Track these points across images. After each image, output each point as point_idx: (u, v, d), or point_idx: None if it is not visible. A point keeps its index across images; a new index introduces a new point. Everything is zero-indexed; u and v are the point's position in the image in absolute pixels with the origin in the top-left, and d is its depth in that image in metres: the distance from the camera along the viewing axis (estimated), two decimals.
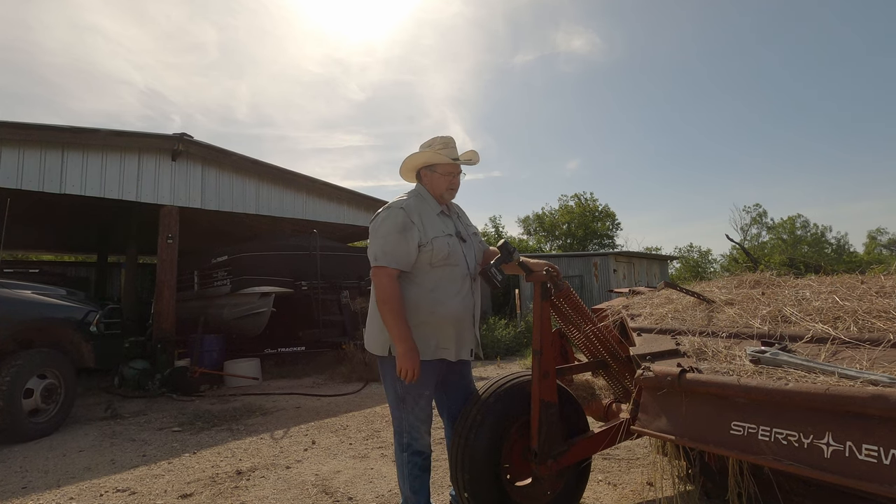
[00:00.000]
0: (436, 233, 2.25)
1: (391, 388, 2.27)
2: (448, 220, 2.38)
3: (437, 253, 2.21)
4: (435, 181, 2.35)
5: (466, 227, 2.48)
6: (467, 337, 2.32)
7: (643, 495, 2.96)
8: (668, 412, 1.65)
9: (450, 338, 2.25)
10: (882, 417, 1.17)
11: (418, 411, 2.24)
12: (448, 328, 2.24)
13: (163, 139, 7.68)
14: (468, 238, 2.42)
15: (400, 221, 2.18)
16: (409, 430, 2.25)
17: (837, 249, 37.01)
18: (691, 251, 39.05)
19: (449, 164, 2.33)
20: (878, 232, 42.49)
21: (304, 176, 9.52)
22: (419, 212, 2.26)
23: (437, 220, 2.31)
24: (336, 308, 8.90)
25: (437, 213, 2.33)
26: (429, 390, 2.26)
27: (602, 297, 13.86)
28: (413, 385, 2.18)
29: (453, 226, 2.38)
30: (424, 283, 2.23)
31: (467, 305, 2.31)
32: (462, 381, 2.45)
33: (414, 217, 2.21)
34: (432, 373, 2.25)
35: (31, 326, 4.85)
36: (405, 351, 2.09)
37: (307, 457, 3.88)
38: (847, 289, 2.12)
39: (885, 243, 41.85)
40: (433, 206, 2.34)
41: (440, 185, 2.34)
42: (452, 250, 2.26)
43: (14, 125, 6.29)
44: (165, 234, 7.71)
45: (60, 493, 3.25)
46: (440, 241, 2.24)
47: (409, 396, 2.23)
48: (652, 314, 2.50)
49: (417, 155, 2.36)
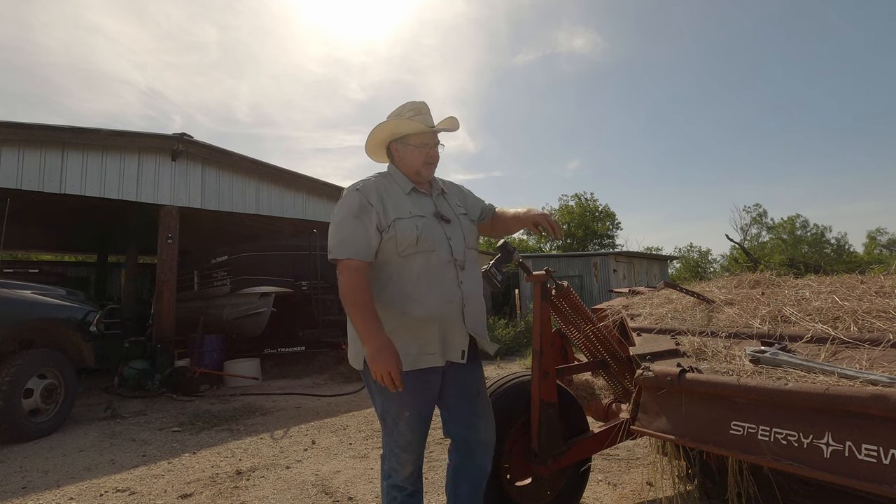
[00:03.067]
0: (400, 213, 1.85)
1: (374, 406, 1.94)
2: (424, 199, 1.95)
3: (403, 238, 1.82)
4: (408, 155, 1.93)
5: (454, 206, 2.05)
6: (456, 337, 1.88)
7: (643, 495, 2.96)
8: (668, 412, 1.65)
9: (433, 340, 1.84)
10: (882, 417, 1.17)
11: (397, 436, 1.84)
12: (427, 329, 1.83)
13: (163, 139, 7.68)
14: (453, 218, 1.98)
15: (355, 204, 1.82)
16: (388, 457, 1.89)
17: (837, 249, 37.01)
18: (691, 251, 39.10)
19: (423, 134, 1.91)
20: (878, 232, 42.52)
21: (304, 176, 9.52)
22: (380, 191, 1.88)
23: (406, 200, 1.90)
24: (336, 308, 8.89)
25: (406, 192, 1.92)
26: (409, 410, 1.82)
27: (602, 297, 13.86)
28: (391, 403, 1.81)
29: (432, 205, 1.95)
30: (393, 277, 1.85)
31: (452, 298, 1.87)
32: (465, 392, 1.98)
33: (372, 198, 1.84)
34: (414, 389, 1.81)
35: (31, 326, 4.85)
36: (374, 351, 1.67)
37: (307, 457, 3.88)
38: (847, 289, 2.12)
39: (885, 243, 41.85)
40: (403, 184, 1.94)
41: (414, 159, 1.93)
42: (424, 234, 1.85)
43: (14, 125, 6.29)
44: (165, 234, 7.71)
45: (60, 493, 3.25)
46: (405, 224, 1.83)
47: (387, 416, 1.85)
48: (652, 314, 2.50)
49: (383, 126, 1.93)
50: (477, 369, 2.04)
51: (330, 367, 8.14)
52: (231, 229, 11.47)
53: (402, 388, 1.69)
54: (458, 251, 1.93)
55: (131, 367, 6.81)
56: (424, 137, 1.93)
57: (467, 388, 1.99)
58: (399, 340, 1.79)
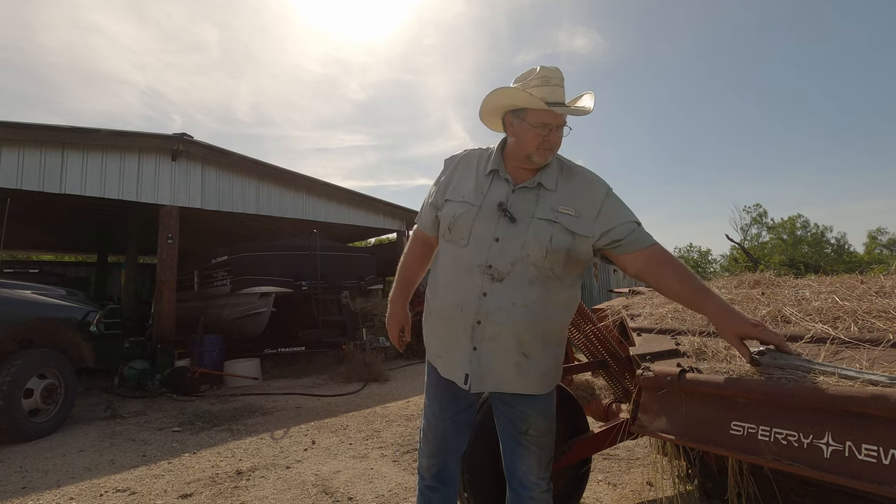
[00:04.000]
0: (454, 195, 1.65)
1: None
2: (498, 185, 1.63)
3: (444, 221, 1.66)
4: (522, 134, 1.57)
5: (542, 208, 1.58)
6: (455, 355, 1.63)
7: (643, 495, 2.96)
8: (668, 412, 1.65)
9: (438, 343, 1.70)
10: (882, 417, 1.17)
11: (423, 424, 1.81)
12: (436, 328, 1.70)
13: (163, 139, 7.68)
14: (522, 219, 1.57)
15: (440, 174, 1.75)
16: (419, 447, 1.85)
17: (837, 249, 37.00)
18: (691, 251, 39.09)
19: (544, 112, 1.53)
20: (879, 232, 42.48)
21: (304, 176, 9.53)
22: (463, 165, 1.70)
23: (472, 182, 1.65)
24: (336, 308, 8.90)
25: (485, 173, 1.65)
26: (430, 400, 1.76)
27: (602, 297, 13.86)
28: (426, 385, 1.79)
29: (503, 194, 1.60)
30: (436, 261, 1.75)
31: (463, 306, 1.58)
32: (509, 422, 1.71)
33: (449, 170, 1.71)
34: (436, 382, 1.73)
35: (31, 326, 4.85)
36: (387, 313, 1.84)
37: (307, 457, 3.88)
38: (847, 289, 2.12)
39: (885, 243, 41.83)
40: (488, 164, 1.66)
41: (528, 141, 1.56)
42: (460, 223, 1.60)
43: (14, 125, 6.30)
44: (165, 234, 7.71)
45: (60, 493, 3.25)
46: (450, 207, 1.64)
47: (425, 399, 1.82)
48: (652, 314, 2.50)
49: (501, 92, 1.58)
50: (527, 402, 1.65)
51: (330, 367, 8.14)
52: (231, 229, 11.49)
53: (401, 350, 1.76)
54: (499, 257, 1.56)
55: (131, 367, 6.81)
56: (546, 116, 1.54)
57: (512, 419, 1.69)
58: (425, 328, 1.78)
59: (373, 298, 9.51)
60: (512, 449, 1.72)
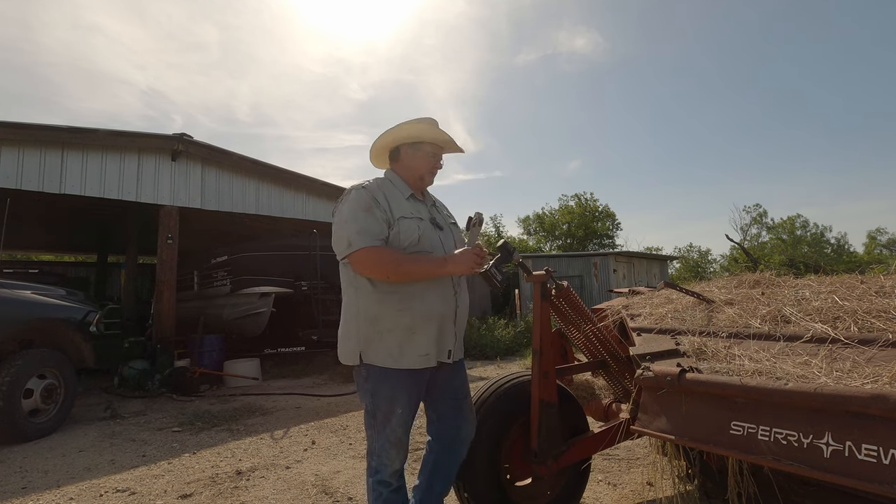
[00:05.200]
0: (403, 213, 1.95)
1: (364, 402, 1.97)
2: (420, 205, 2.06)
3: (406, 236, 1.91)
4: (418, 160, 2.04)
5: (445, 217, 2.17)
6: (447, 337, 1.99)
7: (643, 495, 2.96)
8: (668, 412, 1.65)
9: (428, 341, 1.92)
10: (882, 417, 1.17)
11: (389, 433, 1.90)
12: (426, 328, 1.92)
13: (163, 139, 7.68)
14: (445, 226, 2.10)
15: (364, 200, 1.91)
16: (377, 453, 1.93)
17: (837, 249, 37.01)
18: (691, 251, 39.06)
19: (436, 144, 2.05)
20: (878, 232, 42.49)
21: (304, 176, 9.52)
22: (384, 191, 1.97)
23: (406, 203, 2.00)
24: (336, 308, 8.87)
25: (405, 197, 2.02)
26: (402, 408, 1.90)
27: (602, 297, 13.86)
28: (383, 400, 1.89)
29: (427, 212, 2.07)
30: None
31: (448, 300, 1.98)
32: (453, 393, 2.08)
33: (378, 195, 1.93)
34: (404, 388, 1.90)
35: (31, 326, 4.85)
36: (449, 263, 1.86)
37: (307, 457, 3.88)
38: (847, 289, 2.12)
39: (885, 243, 41.83)
40: (402, 189, 2.04)
41: (422, 165, 2.04)
42: (424, 234, 1.95)
43: (14, 125, 6.29)
44: (165, 234, 7.71)
45: (60, 493, 3.25)
46: (408, 223, 1.93)
47: (378, 413, 1.91)
48: (652, 314, 2.50)
49: (403, 126, 2.01)
50: (462, 370, 2.14)
51: (330, 367, 8.14)
52: (231, 229, 11.48)
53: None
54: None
55: (131, 367, 6.81)
56: (436, 148, 2.07)
57: (455, 389, 2.10)
58: (393, 340, 1.88)
59: None
60: (456, 416, 2.09)
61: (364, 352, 1.91)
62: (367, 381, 1.92)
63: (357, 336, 1.92)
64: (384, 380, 1.89)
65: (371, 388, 1.92)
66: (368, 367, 1.91)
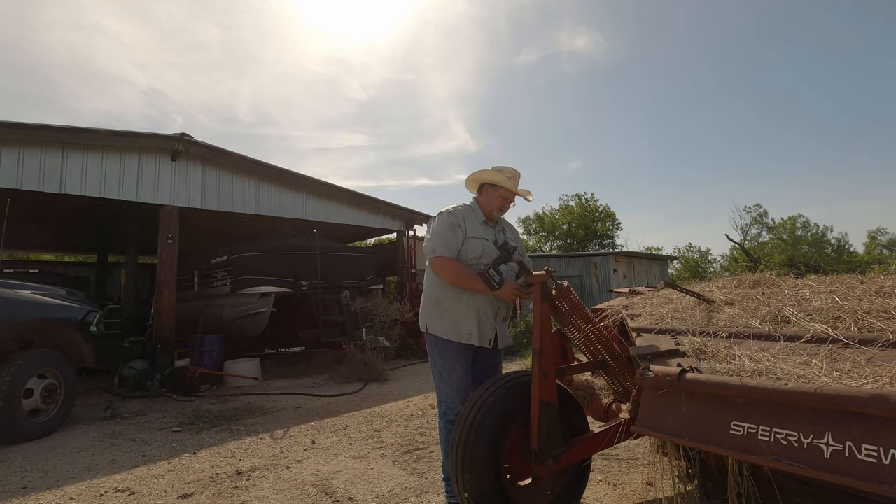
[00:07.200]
0: (474, 234, 2.70)
1: (432, 363, 2.73)
2: (489, 229, 2.80)
3: (471, 251, 2.65)
4: (492, 198, 2.79)
5: (509, 238, 2.83)
6: (486, 328, 2.69)
7: (643, 495, 2.96)
8: (668, 412, 1.65)
9: (472, 325, 2.64)
10: (882, 417, 1.17)
11: (451, 382, 2.64)
12: (470, 316, 2.64)
13: (163, 139, 7.67)
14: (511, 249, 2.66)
15: (451, 222, 2.69)
16: (445, 400, 2.66)
17: (837, 249, 36.99)
18: (691, 251, 39.05)
19: (509, 191, 2.78)
20: (878, 232, 42.50)
21: (304, 176, 9.51)
22: (465, 216, 2.73)
23: (479, 226, 2.75)
24: (336, 308, 8.88)
25: (480, 222, 2.77)
26: (460, 365, 2.65)
27: (602, 297, 13.86)
28: (447, 358, 2.65)
29: (493, 234, 2.79)
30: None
31: (488, 304, 2.69)
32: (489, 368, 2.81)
33: (460, 220, 2.70)
34: (460, 351, 2.65)
35: (31, 326, 4.85)
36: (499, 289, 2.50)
37: (307, 457, 3.88)
38: (847, 289, 2.12)
39: (885, 243, 41.83)
40: (478, 215, 2.80)
41: (494, 202, 2.79)
42: (485, 252, 2.65)
43: (14, 125, 6.29)
44: (165, 234, 7.71)
45: (60, 493, 3.25)
46: (475, 242, 2.68)
47: (445, 368, 2.65)
48: (652, 314, 2.50)
49: (490, 172, 2.81)
50: (499, 355, 2.89)
51: (330, 367, 8.14)
52: (231, 229, 11.48)
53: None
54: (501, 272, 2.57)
55: (131, 367, 6.80)
56: (508, 194, 2.80)
57: (490, 368, 2.85)
58: (450, 318, 2.66)
59: (373, 298, 9.49)
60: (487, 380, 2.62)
61: (428, 324, 2.71)
62: (435, 347, 2.70)
63: (426, 312, 2.74)
64: (445, 347, 2.67)
65: (438, 352, 2.69)
66: (434, 337, 2.69)
